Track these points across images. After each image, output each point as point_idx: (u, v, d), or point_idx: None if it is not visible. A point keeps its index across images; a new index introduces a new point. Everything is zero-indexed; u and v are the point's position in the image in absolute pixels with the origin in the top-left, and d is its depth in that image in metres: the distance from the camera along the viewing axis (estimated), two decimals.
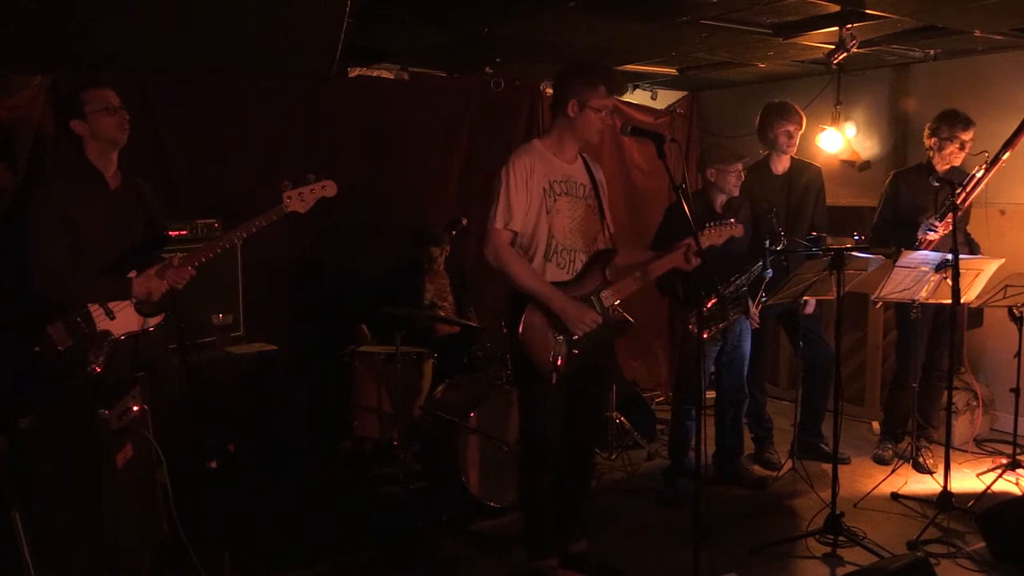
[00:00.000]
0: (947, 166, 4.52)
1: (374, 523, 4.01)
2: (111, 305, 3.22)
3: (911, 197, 4.63)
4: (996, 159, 4.31)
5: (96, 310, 3.19)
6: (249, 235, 3.29)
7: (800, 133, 4.64)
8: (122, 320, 3.24)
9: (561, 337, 3.15)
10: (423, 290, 4.97)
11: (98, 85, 3.22)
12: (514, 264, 3.13)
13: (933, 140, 4.54)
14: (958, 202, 4.10)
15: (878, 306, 4.57)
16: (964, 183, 4.32)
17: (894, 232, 4.59)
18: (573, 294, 3.19)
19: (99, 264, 3.21)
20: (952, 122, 4.47)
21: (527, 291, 3.13)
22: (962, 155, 4.48)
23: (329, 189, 3.38)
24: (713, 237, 3.55)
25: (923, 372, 4.73)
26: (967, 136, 4.45)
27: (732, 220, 3.62)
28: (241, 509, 3.72)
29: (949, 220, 4.24)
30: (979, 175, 4.34)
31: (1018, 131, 4.27)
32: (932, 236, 4.38)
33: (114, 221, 3.26)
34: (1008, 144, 4.29)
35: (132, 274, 3.22)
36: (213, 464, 3.79)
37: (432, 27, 4.37)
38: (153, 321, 3.34)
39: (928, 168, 4.58)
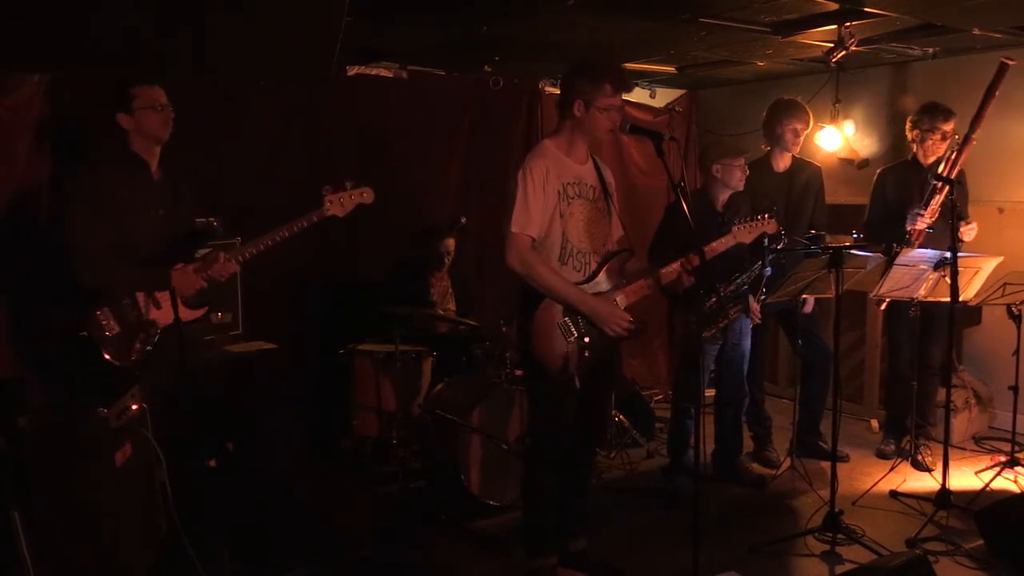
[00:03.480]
0: (932, 158, 4.57)
1: (373, 522, 4.01)
2: (158, 295, 3.24)
3: (897, 192, 4.69)
4: (967, 138, 4.37)
5: (143, 298, 3.22)
6: (291, 235, 3.31)
7: (807, 133, 4.67)
8: (167, 310, 3.25)
9: (573, 340, 3.14)
10: (429, 289, 4.97)
11: (148, 82, 3.29)
12: (540, 268, 3.10)
13: (915, 132, 4.62)
14: (943, 173, 4.27)
15: (883, 307, 4.57)
16: (939, 166, 4.44)
17: (885, 228, 4.61)
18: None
19: (142, 254, 3.23)
20: (933, 114, 4.54)
21: (554, 295, 3.11)
22: (944, 146, 4.53)
23: (368, 196, 3.43)
24: (743, 234, 3.55)
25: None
26: (948, 127, 4.51)
27: (765, 215, 3.61)
28: (240, 508, 3.72)
29: (935, 207, 4.38)
30: (952, 156, 4.42)
31: (983, 105, 4.33)
32: (921, 225, 4.42)
33: (158, 212, 3.31)
34: (976, 120, 4.35)
35: (180, 266, 3.23)
36: (212, 463, 3.79)
37: (431, 26, 4.37)
38: (195, 314, 3.37)
39: (913, 163, 4.67)
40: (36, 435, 2.81)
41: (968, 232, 4.44)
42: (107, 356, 3.15)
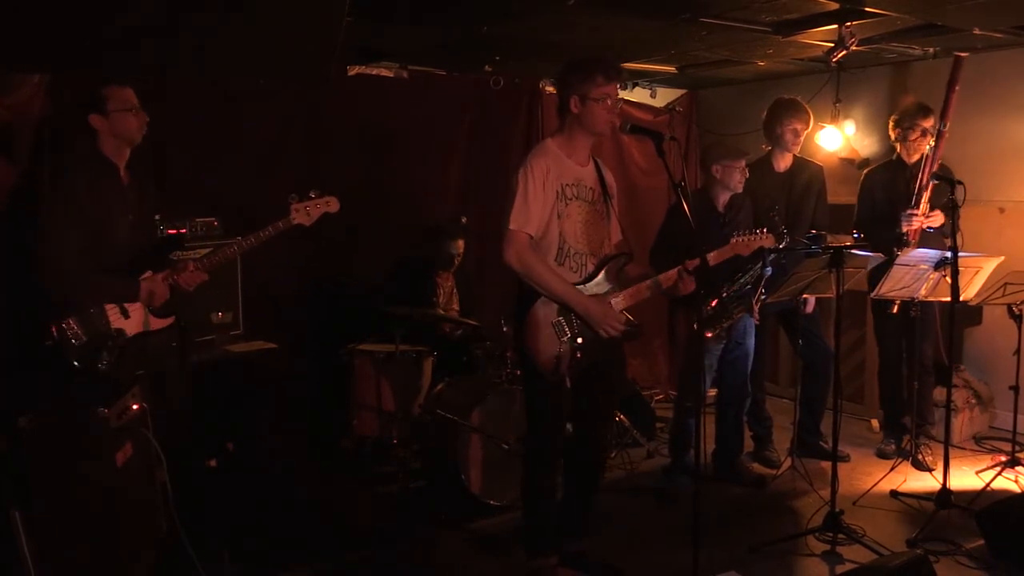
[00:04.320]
0: (915, 156, 4.62)
1: (373, 522, 4.01)
2: (127, 304, 3.21)
3: (885, 192, 4.73)
4: (939, 133, 4.45)
5: (111, 308, 3.18)
6: (258, 243, 3.33)
7: (807, 132, 4.67)
8: (136, 320, 3.23)
9: (566, 340, 3.14)
10: (436, 289, 4.96)
11: (119, 83, 3.23)
12: (538, 266, 3.10)
13: (897, 131, 4.69)
14: (925, 181, 4.39)
15: (894, 309, 4.55)
16: (922, 164, 4.51)
17: (874, 230, 4.61)
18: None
19: (114, 261, 3.20)
20: (912, 112, 4.63)
21: (550, 293, 3.11)
22: (925, 142, 4.58)
23: (332, 205, 3.43)
24: (742, 247, 3.54)
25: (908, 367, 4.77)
26: (927, 123, 4.57)
27: (763, 229, 3.60)
28: (240, 508, 3.72)
29: (925, 204, 4.44)
30: (928, 152, 4.50)
31: (947, 99, 4.42)
32: (916, 224, 4.47)
33: (127, 217, 3.26)
34: (943, 114, 4.43)
35: (148, 274, 3.22)
36: (212, 463, 3.79)
37: (432, 26, 4.37)
38: (163, 323, 3.34)
39: (898, 162, 4.72)
40: (36, 435, 2.80)
41: (934, 219, 4.50)
42: (73, 365, 3.09)
